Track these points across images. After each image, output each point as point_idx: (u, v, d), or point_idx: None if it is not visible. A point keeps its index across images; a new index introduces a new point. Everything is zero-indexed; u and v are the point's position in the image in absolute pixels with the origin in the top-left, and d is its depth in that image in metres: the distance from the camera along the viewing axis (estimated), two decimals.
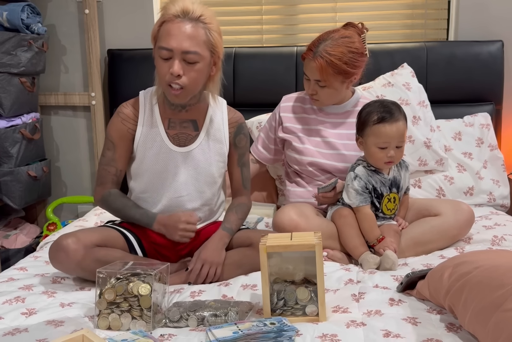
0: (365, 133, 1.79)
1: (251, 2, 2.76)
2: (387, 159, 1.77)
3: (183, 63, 1.54)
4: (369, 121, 1.77)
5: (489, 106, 2.49)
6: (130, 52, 2.65)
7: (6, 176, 2.42)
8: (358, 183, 1.79)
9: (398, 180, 1.85)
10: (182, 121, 1.70)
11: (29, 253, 2.04)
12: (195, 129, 1.71)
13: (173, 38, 1.52)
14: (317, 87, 1.91)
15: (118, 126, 1.69)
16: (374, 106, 1.79)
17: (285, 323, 1.26)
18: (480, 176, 2.30)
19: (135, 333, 1.26)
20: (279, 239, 1.39)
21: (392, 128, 1.74)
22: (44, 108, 2.82)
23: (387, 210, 1.82)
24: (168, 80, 1.56)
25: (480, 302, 1.11)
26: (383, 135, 1.75)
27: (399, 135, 1.75)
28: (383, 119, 1.75)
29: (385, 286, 1.52)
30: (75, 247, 1.53)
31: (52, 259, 1.58)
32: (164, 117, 1.70)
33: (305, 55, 1.89)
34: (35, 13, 2.50)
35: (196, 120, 1.71)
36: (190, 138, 1.70)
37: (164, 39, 1.53)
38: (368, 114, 1.78)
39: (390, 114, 1.75)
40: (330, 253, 1.79)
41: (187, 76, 1.55)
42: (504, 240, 1.80)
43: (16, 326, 1.32)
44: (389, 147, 1.76)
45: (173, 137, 1.69)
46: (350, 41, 1.87)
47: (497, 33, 2.54)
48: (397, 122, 1.75)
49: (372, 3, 2.69)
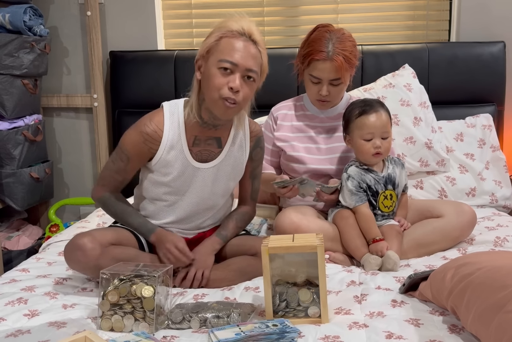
0: (350, 130, 1.84)
1: (252, 3, 2.76)
2: (374, 150, 1.79)
3: (242, 80, 1.52)
4: (351, 116, 1.83)
5: (491, 107, 2.49)
6: (132, 54, 2.66)
7: (9, 177, 2.43)
8: (352, 183, 1.80)
9: (393, 177, 1.85)
10: (208, 138, 1.65)
11: (31, 255, 2.04)
12: (218, 146, 1.67)
13: (239, 54, 1.50)
14: (331, 87, 1.89)
15: (139, 145, 1.61)
16: (356, 103, 1.86)
17: (287, 324, 1.26)
18: (482, 177, 2.30)
19: (138, 334, 1.26)
20: (281, 240, 1.39)
21: (374, 118, 1.79)
22: (46, 110, 2.83)
23: (384, 207, 1.83)
24: (225, 94, 1.51)
25: (483, 303, 1.11)
26: (365, 126, 1.79)
27: (381, 125, 1.79)
28: (364, 112, 1.80)
29: (387, 287, 1.52)
30: (92, 246, 1.52)
31: (69, 260, 1.56)
32: (189, 135, 1.64)
33: (318, 57, 1.83)
34: (38, 15, 2.51)
35: (220, 138, 1.67)
36: (213, 155, 1.66)
37: (229, 53, 1.50)
38: (350, 111, 1.85)
39: (370, 106, 1.81)
40: (332, 255, 1.79)
41: (243, 93, 1.53)
42: (507, 241, 1.80)
43: (18, 328, 1.32)
44: (374, 138, 1.79)
45: (196, 154, 1.65)
46: (349, 35, 1.90)
47: (499, 34, 2.54)
48: (378, 112, 1.80)
49: (373, 4, 2.69)
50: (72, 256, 1.55)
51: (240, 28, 1.52)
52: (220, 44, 1.52)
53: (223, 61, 1.50)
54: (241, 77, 1.52)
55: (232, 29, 1.52)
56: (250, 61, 1.52)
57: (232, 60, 1.50)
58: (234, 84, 1.50)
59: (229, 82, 1.50)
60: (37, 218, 2.84)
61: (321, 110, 2.00)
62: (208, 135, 1.65)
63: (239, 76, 1.51)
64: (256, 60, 1.54)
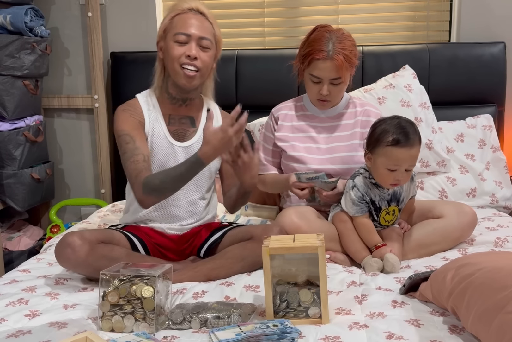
0: (376, 152, 1.71)
1: (253, 4, 2.76)
2: (394, 181, 1.70)
3: (198, 48, 1.68)
4: (382, 141, 1.68)
5: (491, 108, 2.49)
6: (133, 54, 2.66)
7: (10, 178, 2.43)
8: (355, 193, 1.75)
9: (399, 194, 1.79)
10: (181, 117, 1.78)
11: (32, 255, 2.04)
12: (192, 125, 1.80)
13: (191, 25, 1.67)
14: (332, 87, 1.89)
15: (129, 120, 1.73)
16: (391, 124, 1.69)
17: (287, 325, 1.27)
18: (482, 178, 2.30)
19: (138, 335, 1.26)
20: (282, 241, 1.39)
21: (406, 153, 1.66)
22: (47, 111, 2.83)
23: (385, 221, 1.81)
24: (184, 62, 1.66)
25: (483, 304, 1.11)
26: (395, 159, 1.67)
27: (411, 159, 1.68)
28: (398, 143, 1.65)
29: (388, 288, 1.52)
30: (81, 243, 1.55)
31: (59, 257, 1.59)
32: (164, 114, 1.78)
33: (318, 57, 1.83)
34: (39, 16, 2.51)
35: (193, 117, 1.80)
36: (189, 134, 1.79)
37: (182, 26, 1.67)
38: (383, 132, 1.69)
39: (406, 138, 1.66)
40: (332, 255, 1.79)
41: (201, 60, 1.68)
42: (507, 242, 1.80)
43: (19, 328, 1.33)
44: (398, 170, 1.68)
45: (173, 133, 1.77)
46: (348, 35, 1.90)
47: (500, 34, 2.54)
48: (412, 148, 1.66)
49: (374, 5, 2.69)
50: (62, 254, 1.57)
51: (188, 5, 1.71)
52: (173, 22, 1.70)
53: (178, 34, 1.67)
54: (196, 46, 1.68)
55: (183, 7, 1.71)
56: (202, 30, 1.69)
57: (185, 32, 1.67)
58: (190, 52, 1.66)
59: (186, 51, 1.66)
60: (38, 218, 2.84)
61: (321, 110, 2.00)
62: (181, 114, 1.78)
63: (194, 45, 1.67)
64: (208, 29, 1.71)
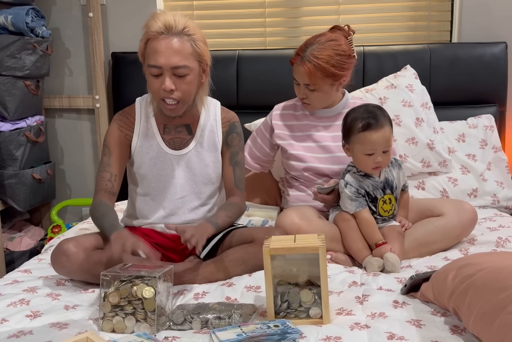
0: (351, 141, 1.79)
1: (254, 5, 2.76)
2: (375, 165, 1.76)
3: (174, 77, 1.57)
4: (354, 128, 1.76)
5: (492, 108, 2.48)
6: (134, 55, 2.62)
7: (11, 178, 2.43)
8: (350, 190, 1.78)
9: (391, 181, 1.83)
10: (177, 126, 1.74)
11: (33, 256, 2.04)
12: (189, 133, 1.75)
13: (161, 55, 1.55)
14: (307, 91, 1.92)
15: (115, 133, 1.72)
16: (359, 111, 1.78)
17: (288, 325, 1.26)
18: (484, 178, 2.30)
19: (139, 335, 1.26)
20: (282, 241, 1.39)
21: (378, 135, 1.73)
22: (48, 111, 2.83)
23: (384, 211, 1.82)
24: (162, 96, 1.59)
25: (484, 304, 1.11)
26: (369, 143, 1.74)
27: (385, 141, 1.74)
28: (369, 127, 1.73)
29: (389, 288, 1.52)
30: (76, 250, 1.56)
31: (55, 264, 1.60)
32: (159, 123, 1.74)
33: (293, 60, 1.91)
34: (40, 17, 2.52)
35: (189, 125, 1.75)
36: (185, 142, 1.74)
37: (152, 57, 1.56)
38: (352, 121, 1.77)
39: (375, 120, 1.74)
40: (333, 255, 1.79)
41: (179, 89, 1.59)
42: (508, 242, 1.79)
43: (20, 329, 1.33)
44: (375, 154, 1.75)
45: (168, 142, 1.73)
46: (337, 44, 1.88)
47: (501, 34, 2.54)
48: (382, 129, 1.74)
49: (375, 5, 2.69)
50: (57, 261, 1.58)
51: (158, 27, 1.55)
52: (147, 49, 1.59)
53: (150, 66, 1.58)
54: (171, 76, 1.57)
55: (152, 30, 1.56)
56: (174, 58, 1.55)
57: (156, 64, 1.56)
58: (165, 86, 1.56)
59: (161, 84, 1.57)
60: (39, 219, 2.84)
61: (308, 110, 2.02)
62: (177, 123, 1.73)
63: (168, 76, 1.56)
64: (182, 53, 1.55)
